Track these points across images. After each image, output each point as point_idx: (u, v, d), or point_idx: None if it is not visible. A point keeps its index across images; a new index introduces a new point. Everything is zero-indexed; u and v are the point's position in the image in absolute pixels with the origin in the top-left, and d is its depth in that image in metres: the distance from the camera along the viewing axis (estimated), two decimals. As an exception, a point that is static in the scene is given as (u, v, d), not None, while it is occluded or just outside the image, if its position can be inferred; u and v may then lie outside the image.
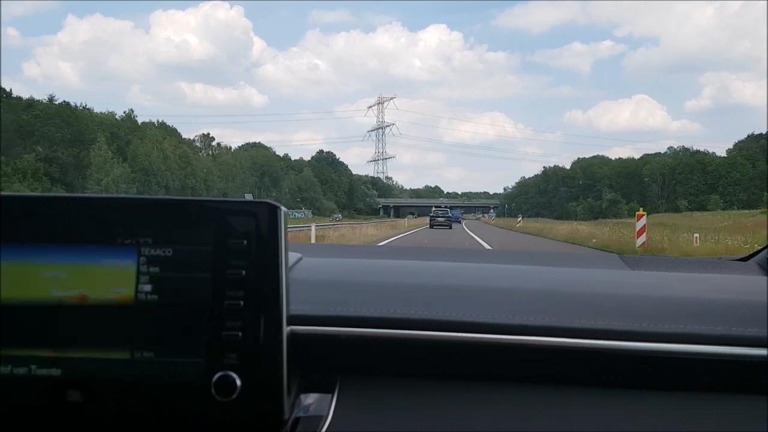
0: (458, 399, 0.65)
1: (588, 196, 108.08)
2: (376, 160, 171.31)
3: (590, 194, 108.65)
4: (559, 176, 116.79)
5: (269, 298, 0.60)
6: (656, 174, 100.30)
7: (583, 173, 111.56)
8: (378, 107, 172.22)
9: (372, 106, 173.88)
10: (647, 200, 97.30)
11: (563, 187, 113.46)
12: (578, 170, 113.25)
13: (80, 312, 0.59)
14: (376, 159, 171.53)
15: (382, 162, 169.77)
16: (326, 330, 0.68)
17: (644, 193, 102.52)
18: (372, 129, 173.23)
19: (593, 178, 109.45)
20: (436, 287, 0.78)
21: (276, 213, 0.61)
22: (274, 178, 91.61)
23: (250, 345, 0.59)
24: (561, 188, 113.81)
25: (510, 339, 0.66)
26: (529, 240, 25.01)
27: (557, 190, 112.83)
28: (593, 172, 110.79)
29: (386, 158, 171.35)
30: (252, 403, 0.59)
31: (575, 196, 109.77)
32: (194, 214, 0.61)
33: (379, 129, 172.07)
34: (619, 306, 0.72)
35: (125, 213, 0.61)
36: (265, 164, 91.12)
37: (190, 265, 0.59)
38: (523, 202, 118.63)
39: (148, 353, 0.59)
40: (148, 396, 0.59)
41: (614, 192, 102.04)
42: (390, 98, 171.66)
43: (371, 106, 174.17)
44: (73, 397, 0.58)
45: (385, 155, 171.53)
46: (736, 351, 0.65)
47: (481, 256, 1.19)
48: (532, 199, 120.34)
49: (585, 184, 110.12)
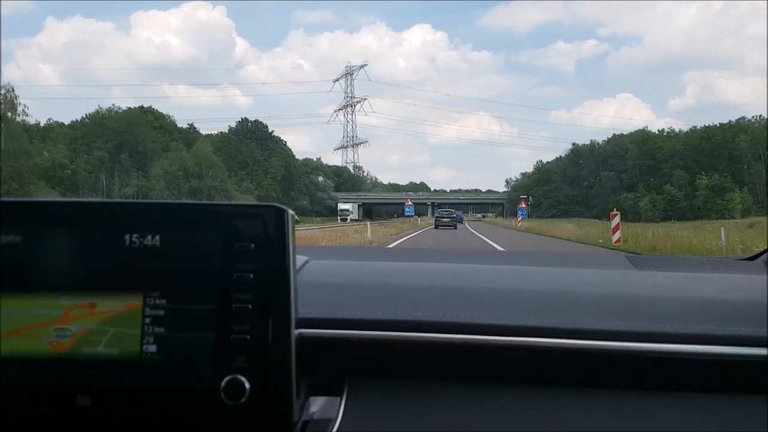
0: (466, 400, 0.66)
1: (649, 184, 71.17)
2: (344, 147, 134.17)
3: (652, 179, 71.74)
4: (598, 156, 79.82)
5: (277, 301, 0.60)
6: (758, 148, 63.52)
7: (640, 150, 74.60)
8: (345, 80, 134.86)
9: (339, 79, 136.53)
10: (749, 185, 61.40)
11: (606, 172, 76.53)
12: (630, 145, 76.30)
13: (89, 317, 0.59)
14: (344, 146, 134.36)
15: (353, 149, 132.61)
16: (334, 333, 0.68)
17: (739, 175, 65.97)
18: (339, 107, 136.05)
19: (655, 157, 72.57)
20: (444, 289, 0.78)
21: (283, 216, 0.61)
22: (139, 154, 53.77)
23: (258, 348, 0.59)
24: (603, 173, 76.86)
25: (517, 341, 0.66)
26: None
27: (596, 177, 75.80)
28: (655, 147, 73.96)
29: (357, 143, 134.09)
30: (261, 406, 0.58)
31: (629, 184, 72.91)
32: (202, 217, 0.61)
33: (348, 107, 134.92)
34: (626, 306, 0.72)
35: (134, 217, 0.61)
36: (124, 130, 53.62)
37: (198, 268, 0.60)
38: (543, 195, 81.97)
39: (157, 356, 0.59)
40: (157, 400, 0.59)
41: (708, 175, 65.01)
42: (360, 66, 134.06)
43: (337, 79, 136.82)
44: (81, 401, 0.58)
45: (355, 140, 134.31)
46: (740, 351, 0.65)
47: (487, 257, 1.19)
48: (556, 191, 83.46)
49: (640, 165, 73.23)
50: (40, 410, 0.59)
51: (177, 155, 56.17)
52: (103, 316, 0.59)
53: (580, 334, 0.66)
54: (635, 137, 78.43)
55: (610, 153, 78.07)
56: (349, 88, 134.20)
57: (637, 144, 76.07)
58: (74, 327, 0.59)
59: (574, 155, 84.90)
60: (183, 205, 0.62)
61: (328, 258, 1.01)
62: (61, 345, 0.59)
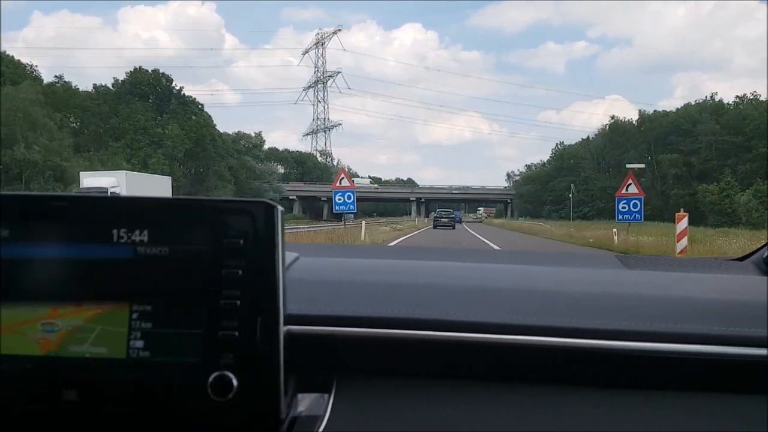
0: (456, 399, 0.66)
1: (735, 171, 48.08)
2: (314, 132, 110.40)
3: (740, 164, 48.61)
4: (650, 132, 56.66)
5: (266, 297, 0.60)
6: None
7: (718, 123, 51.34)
8: (316, 51, 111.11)
9: (309, 50, 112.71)
10: None
11: (666, 154, 53.33)
12: (701, 116, 53.09)
13: (76, 313, 0.59)
14: (314, 130, 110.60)
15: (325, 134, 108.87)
16: (323, 330, 0.68)
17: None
18: (309, 85, 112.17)
19: (743, 132, 49.32)
20: (434, 286, 0.78)
21: (273, 212, 0.61)
22: None
23: (246, 345, 0.59)
24: (661, 156, 53.65)
25: (507, 339, 0.67)
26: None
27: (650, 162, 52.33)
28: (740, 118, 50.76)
29: (329, 126, 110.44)
30: (249, 403, 0.58)
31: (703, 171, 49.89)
32: (190, 213, 0.61)
33: (319, 83, 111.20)
34: (616, 306, 0.72)
35: (122, 212, 0.61)
36: None
37: (186, 264, 0.60)
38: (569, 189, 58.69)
39: (144, 353, 0.59)
40: (144, 396, 0.59)
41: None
42: (333, 32, 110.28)
43: (307, 50, 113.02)
44: (68, 397, 0.58)
45: (327, 122, 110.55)
46: (734, 351, 0.65)
47: (478, 255, 1.18)
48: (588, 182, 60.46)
49: (720, 144, 49.99)
50: (27, 406, 0.59)
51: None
52: (90, 313, 0.59)
53: (570, 332, 0.67)
54: (708, 108, 55.21)
55: (669, 128, 54.79)
56: (321, 60, 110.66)
57: (711, 110, 52.91)
58: (61, 323, 0.59)
59: (613, 132, 61.55)
60: (171, 200, 0.62)
61: (318, 255, 1.01)
62: (47, 343, 0.59)
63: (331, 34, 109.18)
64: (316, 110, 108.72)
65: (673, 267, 1.03)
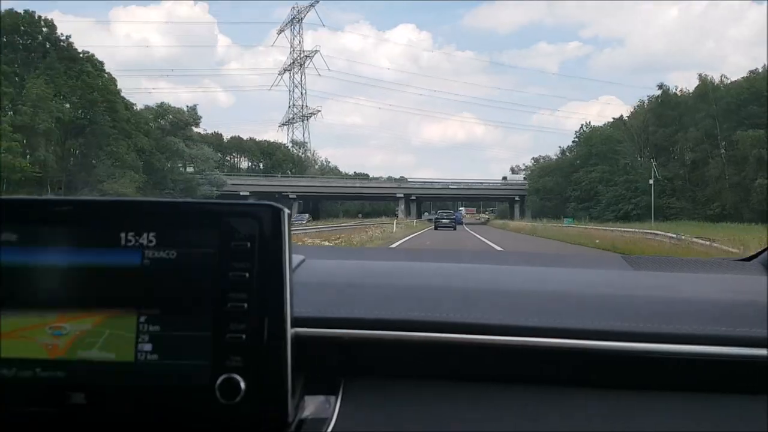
0: (462, 400, 0.66)
1: None
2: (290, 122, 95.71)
3: None
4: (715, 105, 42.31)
5: (273, 300, 0.60)
6: None
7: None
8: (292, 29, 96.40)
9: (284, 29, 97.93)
10: None
11: (742, 131, 38.97)
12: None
13: (84, 317, 0.59)
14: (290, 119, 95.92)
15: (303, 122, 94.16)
16: (330, 332, 0.68)
17: None
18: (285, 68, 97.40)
19: None
20: (440, 288, 0.78)
21: (280, 215, 0.61)
22: None
23: (254, 347, 0.59)
24: (738, 133, 39.28)
25: (514, 341, 0.67)
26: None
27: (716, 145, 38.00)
28: None
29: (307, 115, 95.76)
30: (256, 405, 0.59)
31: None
32: (198, 216, 0.61)
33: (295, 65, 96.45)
34: (622, 307, 0.72)
35: (129, 215, 0.61)
36: None
37: (193, 267, 0.60)
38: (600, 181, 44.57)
39: (152, 356, 0.59)
40: (152, 398, 0.59)
41: None
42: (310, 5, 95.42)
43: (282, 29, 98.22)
44: (76, 399, 0.58)
45: (305, 110, 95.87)
46: (737, 351, 0.65)
47: (484, 257, 1.19)
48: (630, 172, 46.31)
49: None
50: (35, 408, 0.59)
51: None
52: (98, 317, 0.59)
53: (577, 333, 0.67)
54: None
55: (747, 96, 40.36)
56: (297, 39, 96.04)
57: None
58: (69, 327, 0.59)
59: (662, 106, 47.05)
60: (179, 203, 0.62)
61: (324, 257, 1.01)
62: (55, 348, 0.59)
63: (308, 7, 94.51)
64: (292, 96, 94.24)
65: (679, 268, 1.02)
